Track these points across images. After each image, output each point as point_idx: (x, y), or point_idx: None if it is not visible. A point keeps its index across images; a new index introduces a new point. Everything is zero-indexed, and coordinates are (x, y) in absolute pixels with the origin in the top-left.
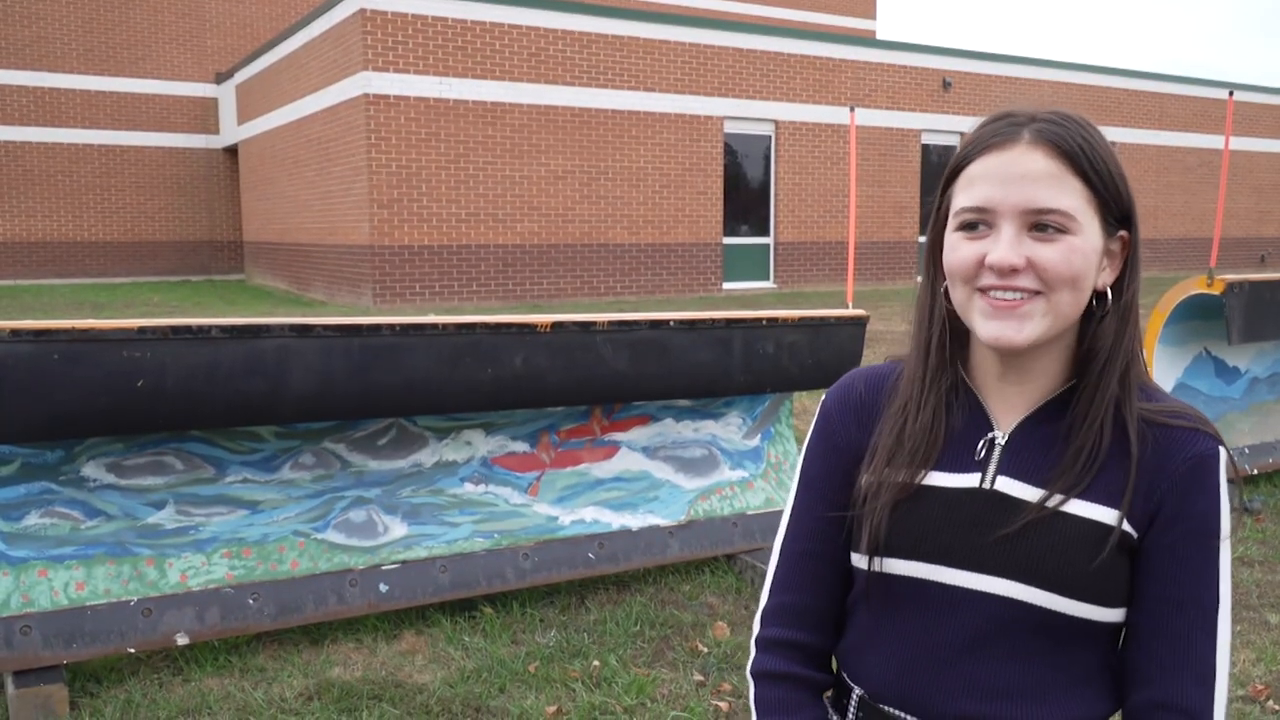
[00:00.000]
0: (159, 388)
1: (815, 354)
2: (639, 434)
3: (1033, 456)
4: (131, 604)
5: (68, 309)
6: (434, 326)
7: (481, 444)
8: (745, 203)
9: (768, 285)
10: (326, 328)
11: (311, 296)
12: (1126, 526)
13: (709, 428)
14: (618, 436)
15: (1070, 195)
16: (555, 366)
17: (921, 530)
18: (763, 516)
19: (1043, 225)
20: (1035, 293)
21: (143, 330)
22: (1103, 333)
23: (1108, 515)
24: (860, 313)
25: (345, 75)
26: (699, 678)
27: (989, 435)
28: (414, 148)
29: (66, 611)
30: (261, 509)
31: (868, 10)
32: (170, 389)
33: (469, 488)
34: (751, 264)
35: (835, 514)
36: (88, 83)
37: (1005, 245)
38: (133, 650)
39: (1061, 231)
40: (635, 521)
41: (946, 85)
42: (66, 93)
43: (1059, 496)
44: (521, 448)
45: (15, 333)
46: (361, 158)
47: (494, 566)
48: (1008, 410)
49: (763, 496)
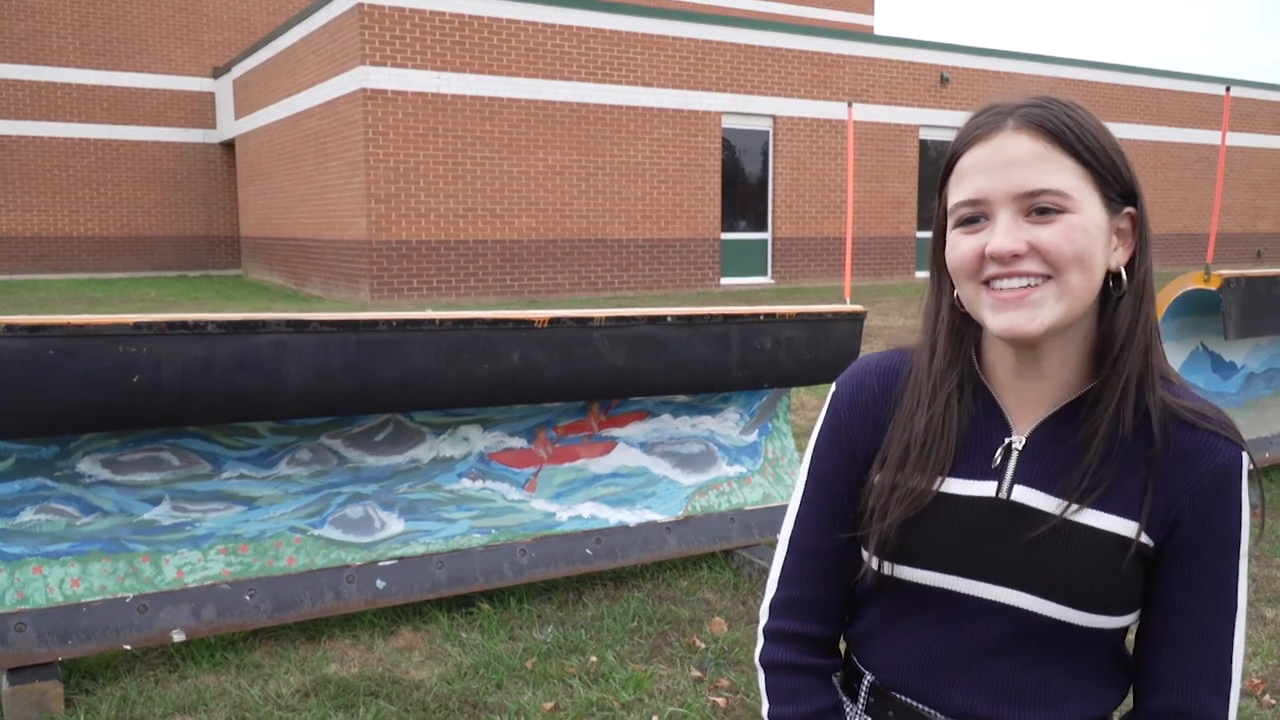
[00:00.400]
0: (155, 383)
1: (813, 349)
2: (636, 430)
3: (1052, 463)
4: (127, 600)
5: (64, 304)
6: (431, 322)
7: (479, 440)
8: (743, 198)
9: (766, 280)
10: (323, 323)
11: (309, 292)
12: (1144, 538)
13: (706, 423)
14: (615, 432)
15: (1062, 173)
16: (552, 362)
17: (936, 540)
18: (760, 512)
19: (1041, 208)
20: (1044, 278)
21: (138, 325)
22: (1120, 314)
23: (1125, 527)
24: (858, 308)
25: (342, 70)
26: (696, 673)
27: (1006, 441)
28: (411, 143)
29: (62, 608)
30: (258, 505)
31: (866, 5)
32: (166, 384)
33: (466, 483)
34: (749, 259)
35: (844, 510)
36: (84, 77)
37: (1002, 232)
38: (128, 647)
39: (1059, 211)
40: (633, 517)
41: (944, 80)
42: (63, 87)
43: (1076, 506)
44: (519, 443)
45: (10, 328)
46: (359, 152)
47: (491, 562)
48: (1026, 410)
49: (760, 492)
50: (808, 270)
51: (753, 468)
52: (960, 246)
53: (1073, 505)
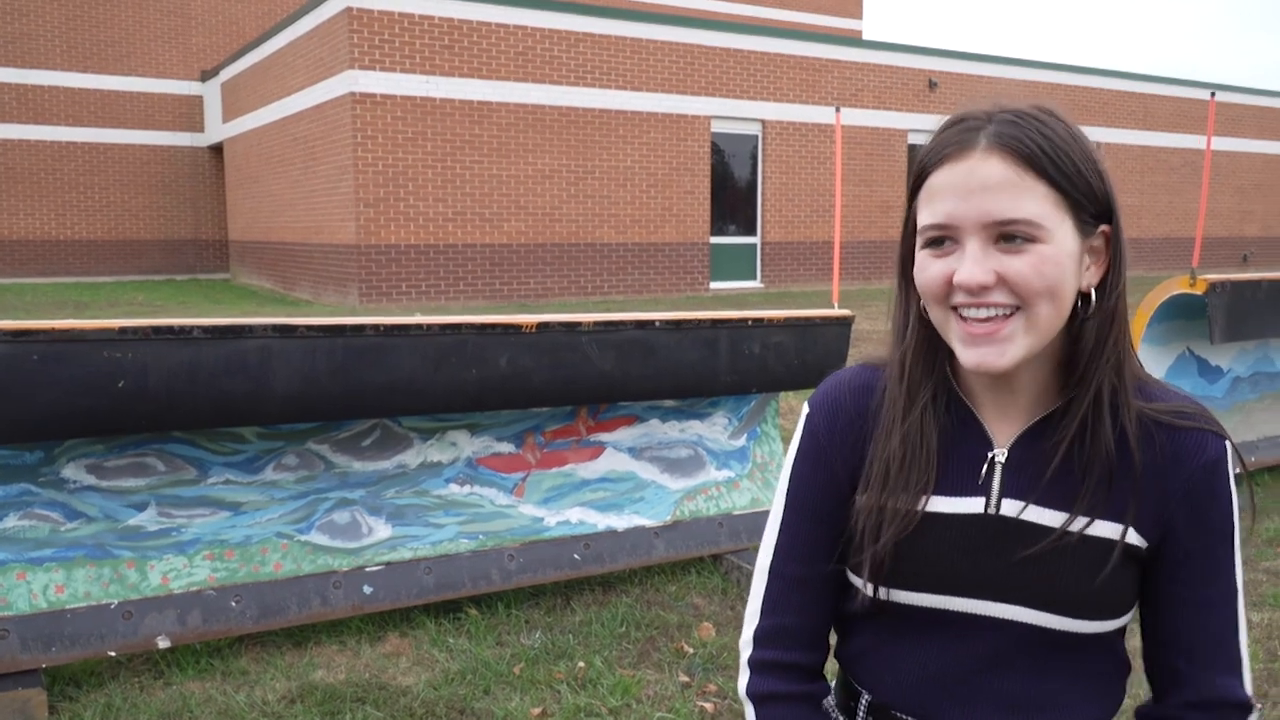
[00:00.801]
0: (140, 388)
1: (801, 354)
2: (625, 434)
3: (1037, 475)
4: (112, 607)
5: (50, 308)
6: (418, 327)
7: (466, 445)
8: (732, 202)
9: (755, 285)
10: (310, 328)
11: (297, 296)
12: (1134, 539)
13: (695, 428)
14: (603, 437)
15: (1034, 201)
16: (540, 367)
17: (930, 561)
18: (749, 516)
19: (1010, 236)
20: (1013, 309)
21: (124, 330)
22: (1087, 334)
23: (1116, 532)
24: (846, 313)
25: (331, 74)
26: (684, 679)
27: (989, 454)
28: (400, 147)
29: (45, 614)
30: (244, 510)
31: (854, 10)
32: (152, 390)
33: (454, 489)
34: (738, 263)
35: (827, 535)
36: (72, 80)
37: (971, 262)
38: (113, 653)
39: (1030, 241)
40: (621, 522)
41: (932, 85)
42: (50, 90)
43: (1068, 516)
44: (507, 448)
45: None
46: (348, 156)
47: (479, 568)
48: (1004, 421)
49: (749, 496)
50: (797, 274)
51: (741, 472)
52: (929, 270)
53: (1064, 516)
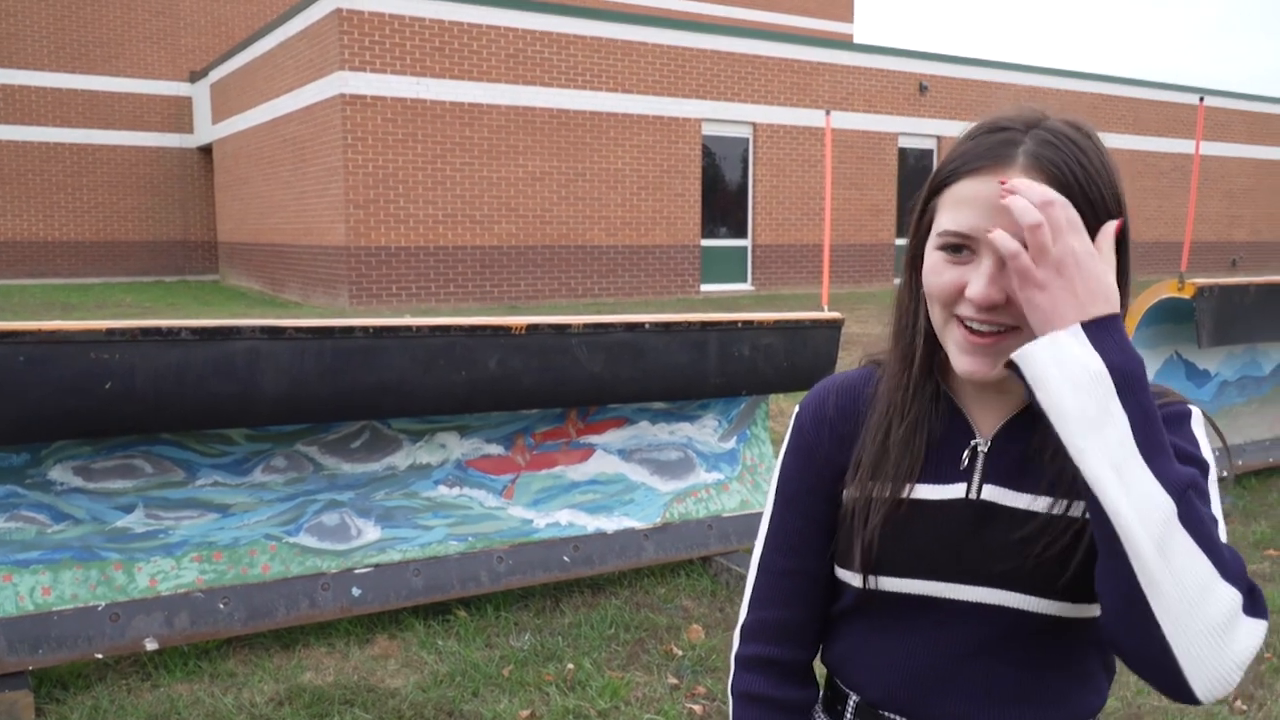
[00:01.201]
0: (128, 390)
1: (790, 357)
2: (614, 436)
3: (1017, 461)
4: (99, 609)
5: (38, 309)
6: (407, 328)
7: (456, 447)
8: (723, 205)
9: (745, 287)
10: (298, 330)
11: (286, 298)
12: None
13: (685, 430)
14: (593, 439)
15: None
16: (530, 369)
17: (913, 547)
18: (738, 519)
19: None
20: (1012, 328)
21: (111, 332)
22: None
23: None
24: (836, 316)
25: (321, 75)
26: (673, 681)
27: (971, 443)
28: (391, 148)
29: (32, 617)
30: (232, 512)
31: (845, 14)
32: (140, 391)
33: (443, 490)
34: (729, 266)
35: (814, 530)
36: (60, 80)
37: (986, 281)
38: (100, 656)
39: None
40: (610, 524)
41: (923, 89)
42: (38, 90)
43: (1046, 499)
44: (496, 450)
45: None
46: (337, 158)
47: (468, 570)
48: (988, 415)
49: (738, 499)
50: (787, 277)
51: (731, 474)
52: (941, 275)
53: (1043, 499)
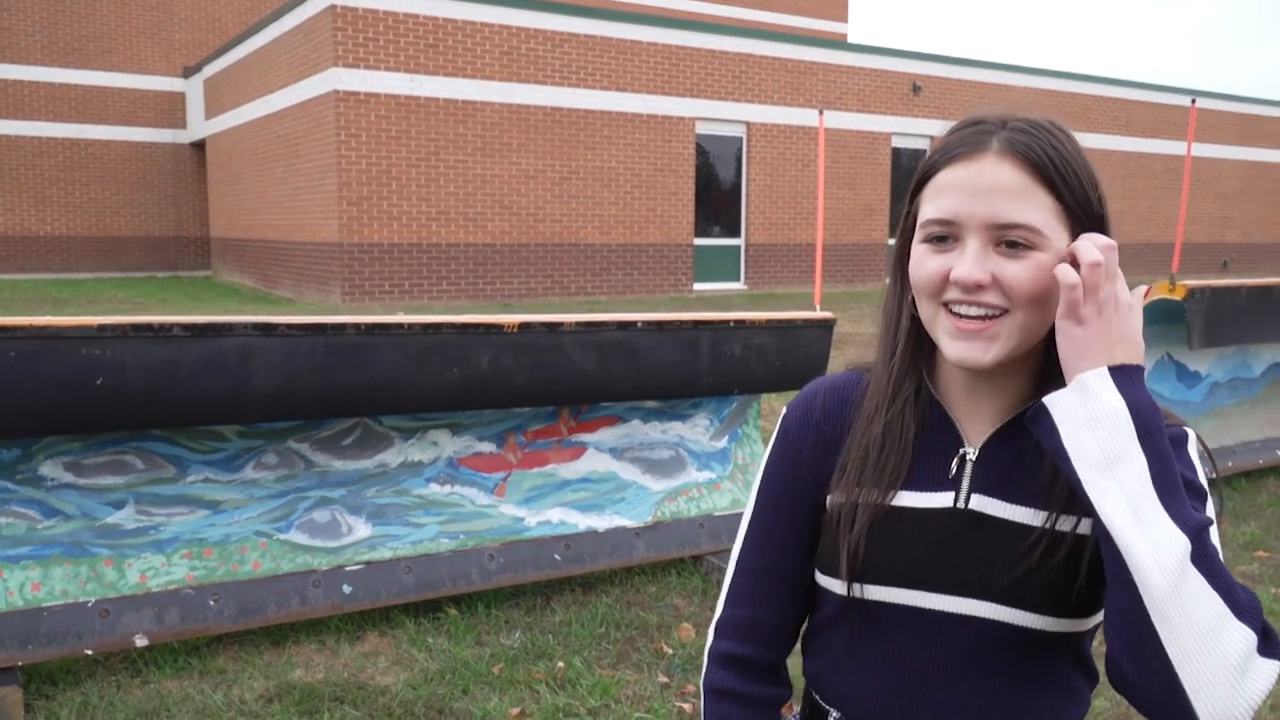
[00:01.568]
0: (119, 386)
1: (782, 356)
2: (606, 435)
3: (1006, 471)
4: (89, 605)
5: (29, 305)
6: (400, 326)
7: (448, 444)
8: (716, 204)
9: (738, 286)
10: (290, 327)
11: (279, 294)
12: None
13: (676, 429)
14: (585, 437)
15: (1038, 209)
16: (522, 367)
17: (898, 555)
18: (729, 518)
19: (1010, 241)
20: (1002, 310)
21: (103, 328)
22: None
23: (1083, 526)
24: (827, 315)
25: (315, 71)
26: (664, 679)
27: (960, 451)
28: (384, 145)
29: (22, 612)
30: (223, 509)
31: (839, 14)
32: (131, 387)
33: (435, 488)
34: (722, 265)
35: (793, 531)
36: (52, 75)
37: (970, 260)
38: (90, 652)
39: (1029, 248)
40: (602, 523)
41: (917, 89)
42: (30, 85)
43: (1034, 511)
44: (488, 448)
45: None
46: (331, 154)
47: (459, 567)
48: (977, 422)
49: (729, 498)
50: (780, 276)
51: (722, 473)
52: (926, 265)
53: (1032, 511)
